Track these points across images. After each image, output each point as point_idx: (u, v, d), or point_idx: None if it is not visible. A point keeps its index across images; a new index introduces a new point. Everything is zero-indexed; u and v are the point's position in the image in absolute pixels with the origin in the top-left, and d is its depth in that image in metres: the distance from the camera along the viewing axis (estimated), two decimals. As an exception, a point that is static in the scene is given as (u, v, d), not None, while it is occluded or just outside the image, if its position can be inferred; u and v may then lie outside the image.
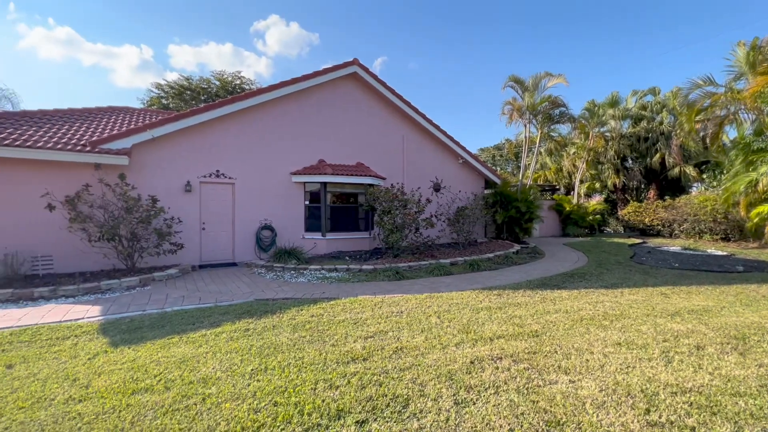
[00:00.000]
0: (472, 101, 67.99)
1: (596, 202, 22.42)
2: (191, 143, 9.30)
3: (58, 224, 7.60)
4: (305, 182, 10.76)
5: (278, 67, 57.37)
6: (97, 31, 47.62)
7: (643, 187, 24.29)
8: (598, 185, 25.32)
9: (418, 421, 2.62)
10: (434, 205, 12.52)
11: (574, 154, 23.71)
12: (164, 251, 8.13)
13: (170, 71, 51.08)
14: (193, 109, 9.36)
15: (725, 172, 14.82)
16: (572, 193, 22.99)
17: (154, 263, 8.43)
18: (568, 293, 6.66)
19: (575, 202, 20.91)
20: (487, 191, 15.27)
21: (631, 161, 23.82)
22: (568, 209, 19.49)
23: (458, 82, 67.74)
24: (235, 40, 56.30)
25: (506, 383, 3.17)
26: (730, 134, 15.65)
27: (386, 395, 2.96)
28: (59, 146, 7.63)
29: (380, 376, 3.31)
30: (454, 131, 13.78)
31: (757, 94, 11.87)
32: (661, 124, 21.90)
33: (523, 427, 2.55)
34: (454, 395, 2.97)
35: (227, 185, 9.85)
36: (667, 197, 20.06)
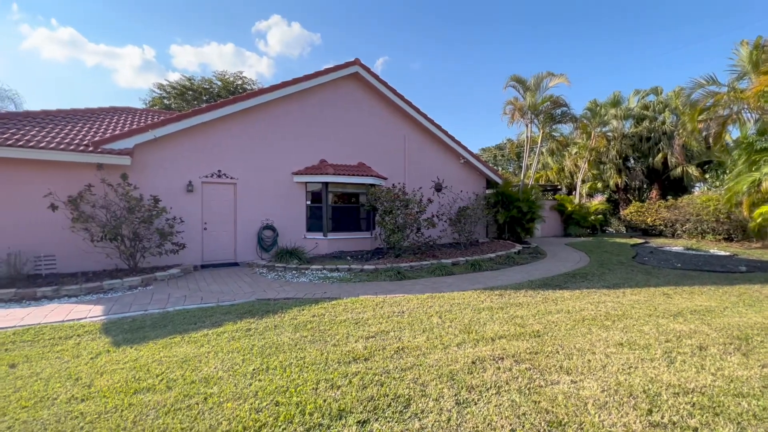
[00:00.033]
0: (472, 101, 68.06)
1: (598, 202, 22.36)
2: (193, 143, 9.33)
3: (60, 224, 7.63)
4: (307, 182, 10.77)
5: (280, 67, 57.53)
6: (99, 31, 47.87)
7: (645, 187, 24.22)
8: (600, 185, 25.26)
9: (419, 421, 2.62)
10: (436, 205, 12.52)
11: (576, 153, 23.65)
12: (166, 251, 8.16)
13: (172, 71, 51.34)
14: (194, 109, 9.39)
15: (728, 171, 14.75)
16: (574, 193, 22.93)
17: (156, 263, 8.46)
18: (570, 293, 6.64)
19: (577, 202, 20.86)
20: (488, 191, 15.25)
21: (633, 161, 23.75)
22: (570, 209, 19.44)
23: (458, 82, 67.83)
24: (236, 40, 56.47)
25: (508, 383, 3.17)
26: (733, 134, 15.59)
27: (388, 395, 2.96)
28: (62, 146, 7.66)
29: (382, 376, 3.31)
30: (454, 131, 13.78)
31: (760, 93, 11.82)
32: (663, 123, 21.83)
33: (524, 427, 2.55)
34: (455, 395, 2.97)
35: (229, 185, 9.87)
36: (669, 197, 19.98)
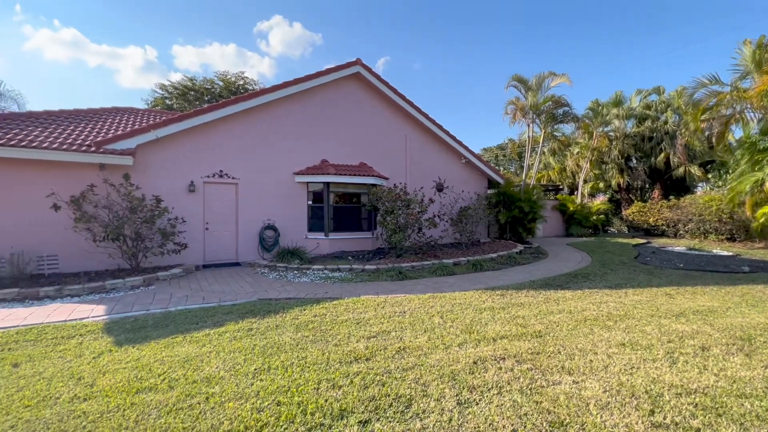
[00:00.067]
0: (472, 101, 68.02)
1: (600, 201, 22.29)
2: (195, 143, 9.35)
3: (63, 224, 7.66)
4: (308, 182, 10.78)
5: (281, 67, 57.55)
6: (102, 32, 47.96)
7: (647, 186, 24.14)
8: (602, 185, 25.19)
9: (420, 421, 2.62)
10: (437, 205, 12.50)
11: (577, 153, 23.58)
12: (168, 251, 8.18)
13: (174, 72, 51.49)
14: (196, 109, 9.41)
15: (731, 171, 14.71)
16: (576, 193, 22.87)
17: (158, 263, 8.48)
18: (571, 293, 6.63)
19: (579, 202, 20.79)
20: (490, 191, 15.23)
21: (635, 161, 23.67)
22: (571, 209, 19.40)
23: (458, 82, 67.78)
24: (238, 40, 56.51)
25: (509, 384, 3.16)
26: (736, 133, 15.53)
27: (389, 395, 2.96)
28: (64, 147, 7.69)
29: (383, 376, 3.31)
30: (454, 131, 13.72)
31: (763, 92, 11.76)
32: (665, 123, 21.75)
33: (526, 427, 2.54)
34: (457, 395, 2.97)
35: (230, 185, 9.89)
36: (671, 197, 19.91)
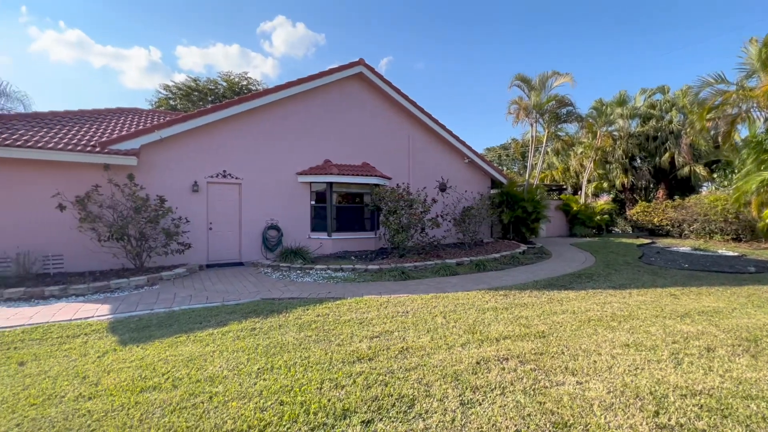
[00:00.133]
0: (472, 101, 67.98)
1: (604, 201, 22.21)
2: (198, 144, 9.39)
3: (68, 224, 7.71)
4: (311, 182, 10.79)
5: (285, 67, 57.72)
6: (106, 33, 48.36)
7: (651, 186, 23.99)
8: (605, 185, 25.05)
9: (423, 421, 2.62)
10: (440, 205, 12.49)
11: (581, 153, 23.49)
12: (172, 251, 8.22)
13: (178, 72, 51.72)
14: (200, 110, 9.44)
15: (736, 171, 14.57)
16: (579, 192, 22.79)
17: (162, 263, 8.52)
18: (575, 294, 6.60)
19: (583, 201, 20.71)
20: (493, 191, 15.19)
21: (639, 160, 23.53)
22: (575, 209, 19.31)
23: (458, 81, 67.76)
24: (241, 41, 56.79)
25: (512, 384, 3.15)
26: (741, 133, 15.39)
27: (392, 395, 2.96)
28: (69, 147, 7.74)
29: (386, 376, 3.31)
30: (455, 131, 13.66)
31: (769, 91, 11.66)
32: (670, 122, 21.60)
33: (529, 428, 2.53)
34: (460, 396, 2.96)
35: (234, 185, 9.93)
36: (676, 197, 19.78)
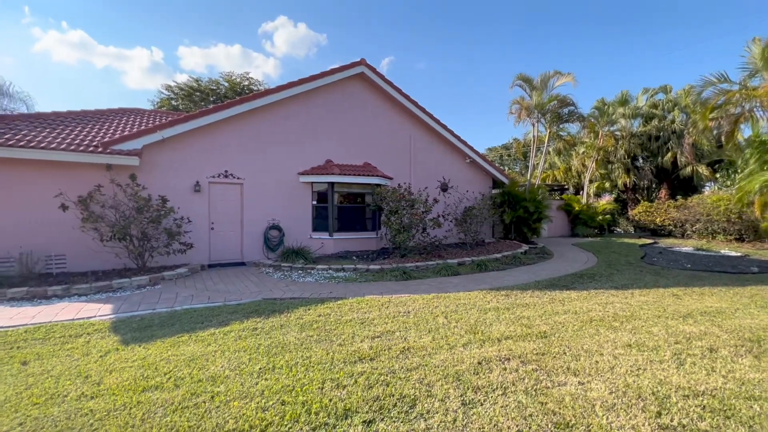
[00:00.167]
0: (472, 101, 68.02)
1: (606, 201, 22.13)
2: (200, 144, 9.41)
3: (71, 224, 7.74)
4: (313, 182, 10.80)
5: (286, 67, 57.76)
6: (109, 33, 48.46)
7: (654, 186, 23.91)
8: (607, 185, 24.97)
9: (425, 421, 2.61)
10: (441, 205, 12.47)
11: (583, 153, 23.42)
12: (174, 251, 8.24)
13: (180, 73, 51.79)
14: (202, 110, 9.46)
15: (739, 171, 14.49)
16: (581, 192, 22.72)
17: (164, 262, 8.55)
18: (577, 294, 6.58)
19: (584, 201, 20.65)
20: (494, 191, 15.17)
21: (641, 160, 23.46)
22: (577, 209, 19.27)
23: (459, 81, 67.78)
24: (243, 41, 56.86)
25: (514, 384, 3.14)
26: (744, 132, 15.31)
27: (393, 395, 2.96)
28: (72, 147, 7.77)
29: (387, 376, 3.31)
30: (456, 131, 13.67)
31: (772, 91, 11.60)
32: (672, 122, 21.52)
33: (531, 428, 2.53)
34: (461, 396, 2.96)
35: (236, 185, 9.94)
36: (678, 197, 19.71)
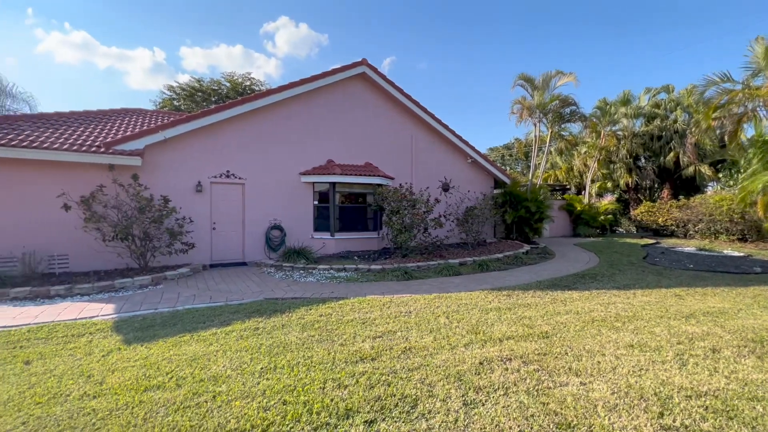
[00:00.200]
0: (472, 101, 67.98)
1: (608, 201, 22.07)
2: (202, 144, 9.43)
3: (73, 224, 7.77)
4: (314, 182, 10.81)
5: (287, 68, 57.82)
6: (111, 34, 48.66)
7: (656, 186, 23.84)
8: (609, 185, 24.90)
9: (426, 421, 2.61)
10: (443, 205, 12.47)
11: (585, 153, 23.35)
12: (176, 251, 8.26)
13: (182, 73, 52.01)
14: (203, 110, 9.49)
15: (742, 170, 14.41)
16: (583, 192, 22.66)
17: (166, 262, 8.57)
18: (579, 294, 6.57)
19: (586, 201, 20.61)
20: (496, 191, 15.15)
21: (643, 160, 23.38)
22: (579, 209, 19.22)
23: (459, 81, 67.75)
24: (245, 41, 56.97)
25: (516, 384, 3.14)
26: (747, 132, 15.24)
27: (395, 395, 2.96)
28: (75, 148, 7.80)
29: (389, 376, 3.30)
30: (457, 131, 13.65)
31: (775, 90, 11.55)
32: (675, 122, 21.44)
33: (533, 429, 2.52)
34: (463, 396, 2.96)
35: (237, 185, 9.96)
36: (681, 197, 19.63)
